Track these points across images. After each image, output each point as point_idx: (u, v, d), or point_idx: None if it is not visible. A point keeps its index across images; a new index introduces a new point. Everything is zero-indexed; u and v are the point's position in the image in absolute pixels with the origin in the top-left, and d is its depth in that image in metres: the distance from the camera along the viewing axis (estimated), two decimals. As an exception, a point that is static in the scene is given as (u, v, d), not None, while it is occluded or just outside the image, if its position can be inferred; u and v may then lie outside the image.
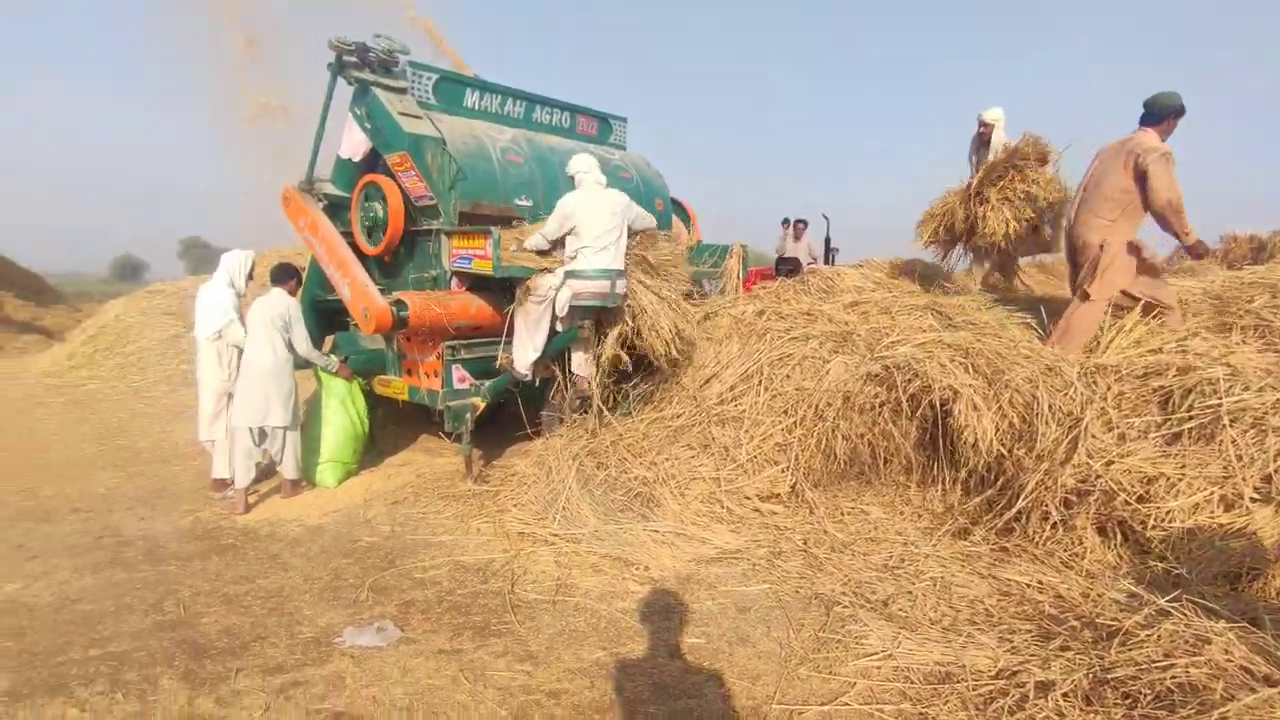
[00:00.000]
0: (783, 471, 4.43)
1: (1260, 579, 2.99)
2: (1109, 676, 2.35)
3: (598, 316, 4.77)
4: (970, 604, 3.19)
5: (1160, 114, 4.45)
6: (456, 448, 5.12)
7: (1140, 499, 3.43)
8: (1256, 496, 3.18)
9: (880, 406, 4.47)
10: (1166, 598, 2.74)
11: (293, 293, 4.73)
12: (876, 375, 4.45)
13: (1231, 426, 3.41)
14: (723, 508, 4.25)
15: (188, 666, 2.74)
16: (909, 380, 4.32)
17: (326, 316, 5.69)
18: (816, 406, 4.47)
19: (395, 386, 5.22)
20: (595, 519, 3.95)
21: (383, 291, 4.83)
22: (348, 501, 4.65)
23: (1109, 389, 4.01)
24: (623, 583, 3.49)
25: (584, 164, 4.79)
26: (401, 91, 5.08)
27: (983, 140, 6.13)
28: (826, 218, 9.84)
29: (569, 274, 4.45)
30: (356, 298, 4.78)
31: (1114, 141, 4.59)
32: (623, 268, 4.56)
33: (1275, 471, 3.18)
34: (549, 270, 4.53)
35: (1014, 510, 3.79)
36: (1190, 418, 3.61)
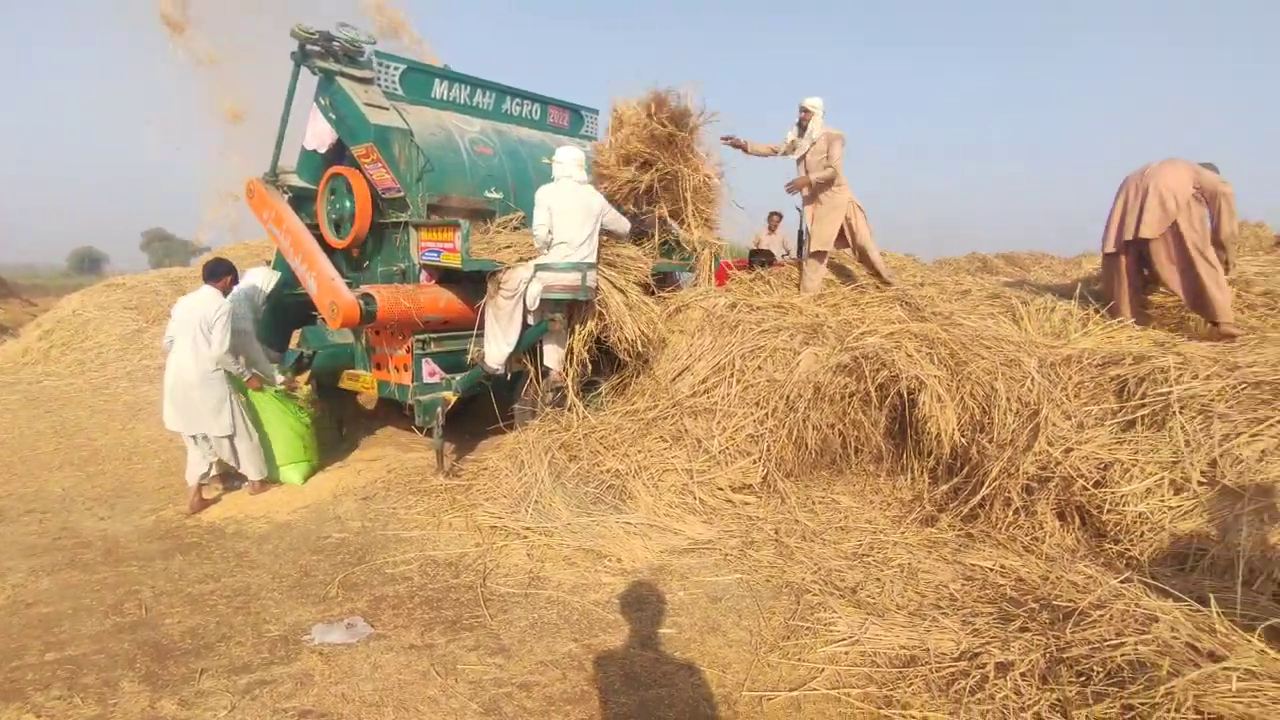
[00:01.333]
0: (755, 462, 4.48)
1: (1206, 559, 3.11)
2: (1064, 656, 2.43)
3: (570, 309, 4.77)
4: (935, 589, 3.26)
5: None
6: (428, 442, 5.08)
7: (1097, 484, 3.54)
8: (1203, 480, 3.29)
9: (850, 397, 4.55)
10: (1118, 579, 2.84)
11: (226, 290, 4.48)
12: (846, 366, 4.52)
13: (1181, 413, 3.53)
14: (695, 499, 4.29)
15: (149, 668, 2.70)
16: (877, 370, 4.39)
17: (293, 311, 5.60)
18: (788, 397, 4.53)
19: (364, 381, 5.17)
20: (568, 512, 3.96)
21: (350, 285, 4.76)
22: (317, 497, 4.60)
23: (1070, 379, 4.12)
24: (595, 575, 3.51)
25: (566, 157, 4.75)
26: (367, 82, 5.00)
27: (801, 127, 5.90)
28: (800, 210, 9.92)
29: (539, 267, 4.44)
30: (323, 292, 4.71)
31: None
32: (594, 261, 4.56)
33: (1220, 456, 3.30)
34: (519, 263, 4.52)
35: (978, 497, 3.89)
36: (1143, 405, 3.72)
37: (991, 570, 3.36)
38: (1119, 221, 4.81)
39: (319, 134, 5.19)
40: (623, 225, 4.98)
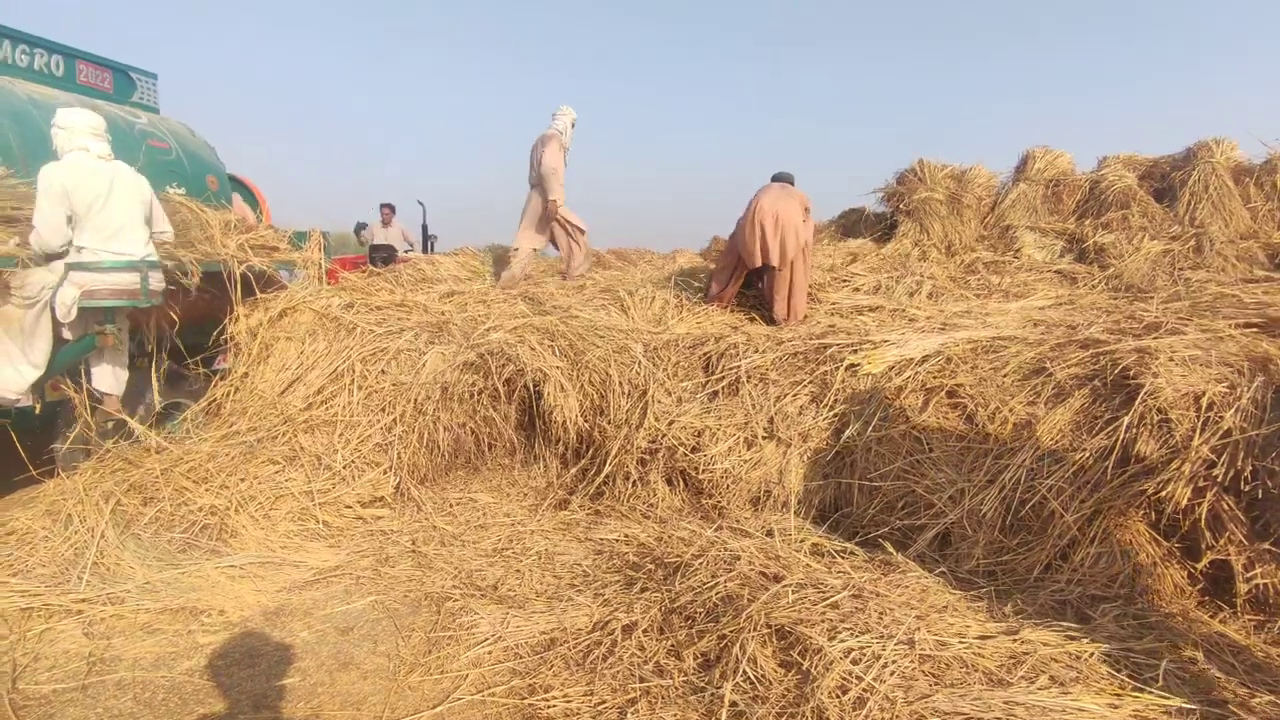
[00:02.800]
0: (385, 473, 4.18)
1: (770, 499, 3.84)
2: (675, 605, 2.75)
3: (134, 319, 3.83)
4: (570, 569, 3.43)
5: None
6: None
7: (694, 450, 4.11)
8: (765, 435, 4.06)
9: (479, 394, 4.54)
10: (713, 529, 3.33)
11: None
12: (473, 363, 4.49)
13: (747, 382, 4.30)
14: (318, 523, 3.83)
15: None
16: (503, 365, 4.46)
17: None
18: (415, 400, 4.32)
19: None
20: (144, 568, 3.19)
21: None
22: None
23: (670, 360, 4.71)
24: (188, 637, 2.88)
25: (73, 121, 3.70)
26: None
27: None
28: (422, 204, 9.65)
29: (73, 266, 3.44)
30: None
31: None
32: (156, 259, 3.70)
33: (776, 414, 4.10)
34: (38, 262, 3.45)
35: (602, 476, 4.22)
36: (722, 378, 4.44)
37: (618, 541, 3.66)
38: (760, 246, 5.23)
39: None
40: (168, 231, 4.13)
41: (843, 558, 3.07)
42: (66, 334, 3.59)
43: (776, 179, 5.74)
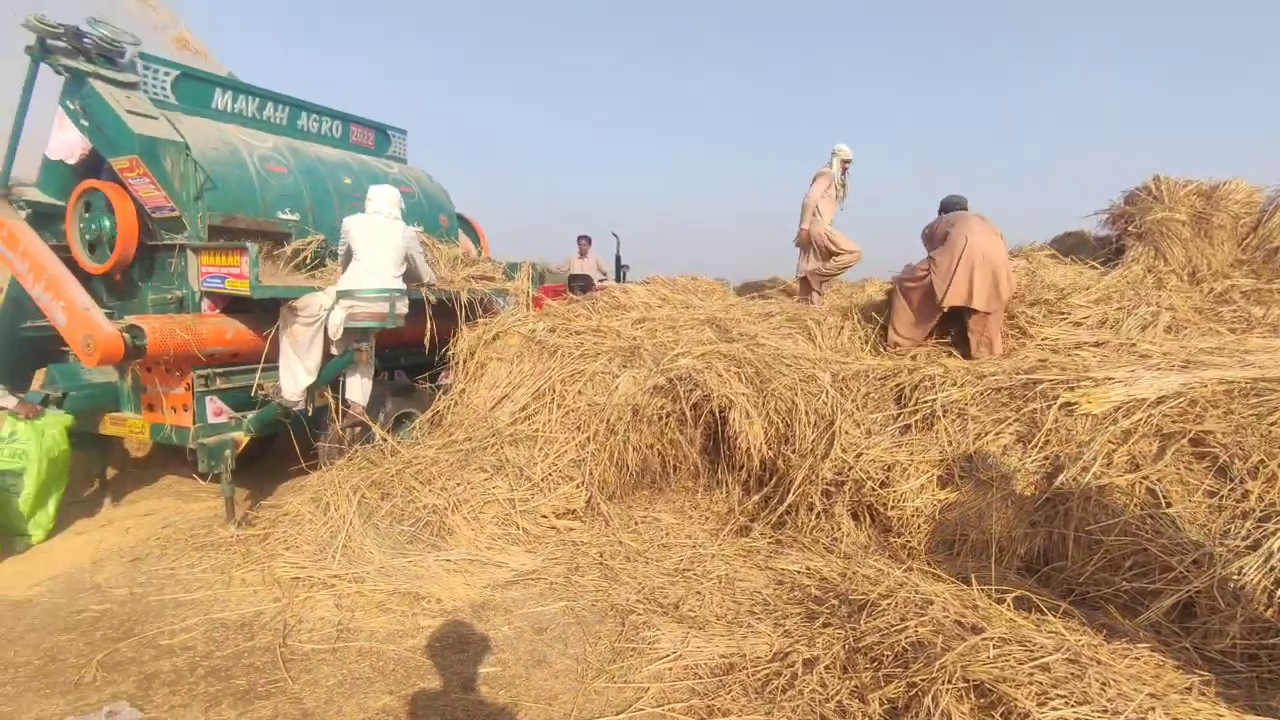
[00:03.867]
0: (578, 487, 4.48)
1: (967, 544, 3.58)
2: (860, 645, 2.66)
3: (378, 339, 4.51)
4: (750, 596, 3.44)
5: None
6: (215, 489, 4.52)
7: (882, 484, 3.95)
8: (963, 474, 3.80)
9: (667, 417, 4.71)
10: (901, 569, 3.18)
11: None
12: (662, 387, 4.68)
13: (944, 417, 4.06)
14: (519, 529, 4.19)
15: None
16: (691, 390, 4.60)
17: (33, 347, 4.76)
18: (608, 420, 4.59)
19: (132, 425, 4.49)
20: (381, 554, 3.69)
21: (111, 315, 4.13)
22: (69, 566, 3.89)
23: (858, 391, 4.58)
24: (412, 619, 3.29)
25: (380, 195, 4.65)
26: (130, 86, 4.41)
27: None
28: (616, 236, 10.26)
29: (342, 294, 4.14)
30: (75, 324, 4.03)
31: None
32: (404, 288, 4.35)
33: (974, 453, 3.83)
34: (318, 289, 4.19)
35: (785, 505, 4.18)
36: (916, 411, 4.23)
37: (799, 573, 3.61)
38: (968, 289, 4.90)
39: (67, 143, 4.49)
40: (426, 273, 4.86)
41: (1054, 616, 2.78)
42: (333, 350, 4.32)
43: (955, 205, 5.39)
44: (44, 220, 4.59)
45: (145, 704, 2.63)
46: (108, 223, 4.32)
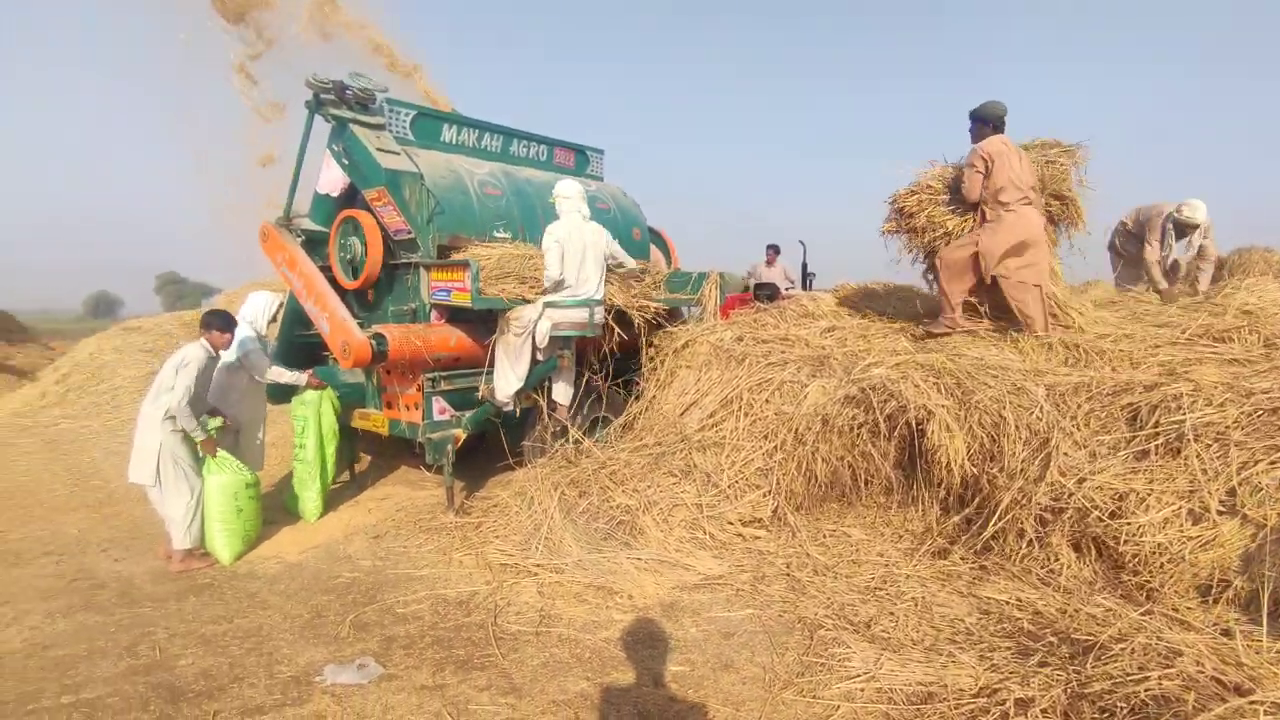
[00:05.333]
0: (764, 496, 4.46)
1: (1229, 591, 3.05)
2: (1086, 691, 2.39)
3: (579, 345, 4.83)
4: (951, 623, 3.22)
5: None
6: (438, 480, 5.10)
7: (1112, 515, 3.49)
8: (1222, 509, 3.25)
9: (858, 428, 4.53)
10: (1139, 611, 2.80)
11: (216, 345, 4.22)
12: (853, 398, 4.52)
13: (1196, 441, 3.50)
14: (705, 534, 4.26)
15: (163, 710, 2.69)
16: (885, 401, 4.39)
17: (305, 351, 5.68)
18: (796, 430, 4.52)
19: (375, 420, 5.21)
20: (578, 548, 3.95)
21: (362, 325, 4.84)
22: (328, 537, 4.61)
23: (1079, 407, 4.10)
24: (606, 612, 3.48)
25: (569, 190, 4.89)
26: (379, 128, 5.15)
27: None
28: (803, 244, 10.05)
29: (548, 305, 4.50)
30: (335, 332, 4.78)
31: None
32: (602, 298, 4.62)
33: (1239, 484, 3.26)
34: (528, 301, 4.59)
35: (991, 529, 3.85)
36: (1157, 434, 3.70)
37: (1007, 603, 3.31)
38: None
39: (332, 179, 5.32)
40: (626, 257, 5.08)
41: (1349, 686, 2.30)
42: (539, 356, 4.71)
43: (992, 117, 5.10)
44: (313, 245, 5.48)
45: (386, 661, 3.04)
46: (360, 245, 5.06)
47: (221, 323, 4.25)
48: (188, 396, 3.98)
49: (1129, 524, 3.41)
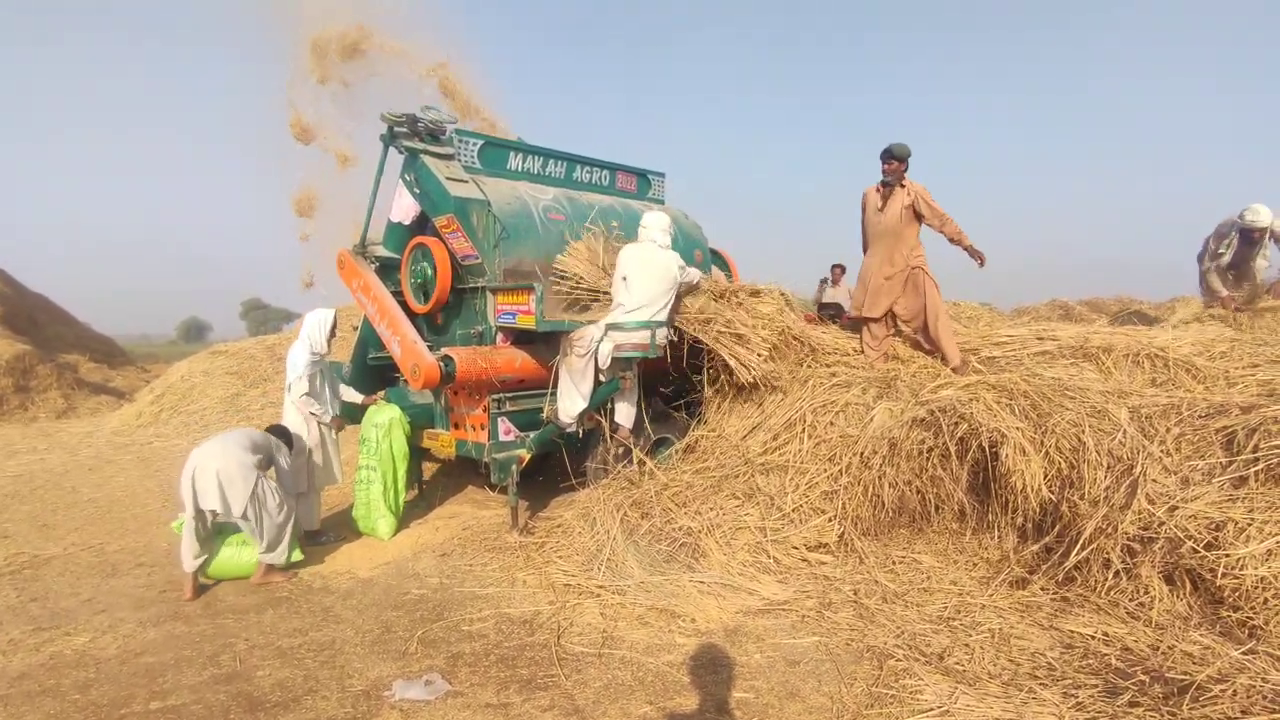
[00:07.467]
0: (830, 520, 4.36)
1: (1346, 630, 2.81)
2: (1183, 735, 2.23)
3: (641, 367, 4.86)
4: (1031, 657, 3.07)
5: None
6: (503, 499, 5.19)
7: (1208, 546, 3.28)
8: (1335, 541, 3.01)
9: (928, 452, 4.39)
10: (1241, 650, 2.60)
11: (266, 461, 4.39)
12: (922, 420, 4.39)
13: (1302, 467, 3.26)
14: (769, 558, 4.19)
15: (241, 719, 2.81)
16: (955, 424, 4.25)
17: (377, 373, 5.90)
18: (862, 454, 4.42)
19: (443, 440, 5.35)
20: (640, 570, 3.94)
21: (431, 348, 5.00)
22: (397, 554, 4.74)
23: (1168, 431, 3.88)
24: (669, 635, 3.46)
25: (652, 222, 5.05)
26: (448, 158, 5.35)
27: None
28: None
29: (610, 326, 4.56)
30: (406, 354, 4.95)
31: None
32: (665, 320, 4.65)
33: (1354, 514, 3.01)
34: (591, 323, 4.66)
35: (1074, 558, 3.65)
36: (1256, 459, 3.46)
37: (1093, 638, 3.14)
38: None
39: (404, 208, 5.55)
40: (694, 275, 5.11)
41: None
42: (602, 377, 4.76)
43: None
44: (386, 271, 5.71)
45: (452, 678, 3.09)
46: (430, 270, 5.24)
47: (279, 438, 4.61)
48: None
49: (1227, 555, 3.19)
